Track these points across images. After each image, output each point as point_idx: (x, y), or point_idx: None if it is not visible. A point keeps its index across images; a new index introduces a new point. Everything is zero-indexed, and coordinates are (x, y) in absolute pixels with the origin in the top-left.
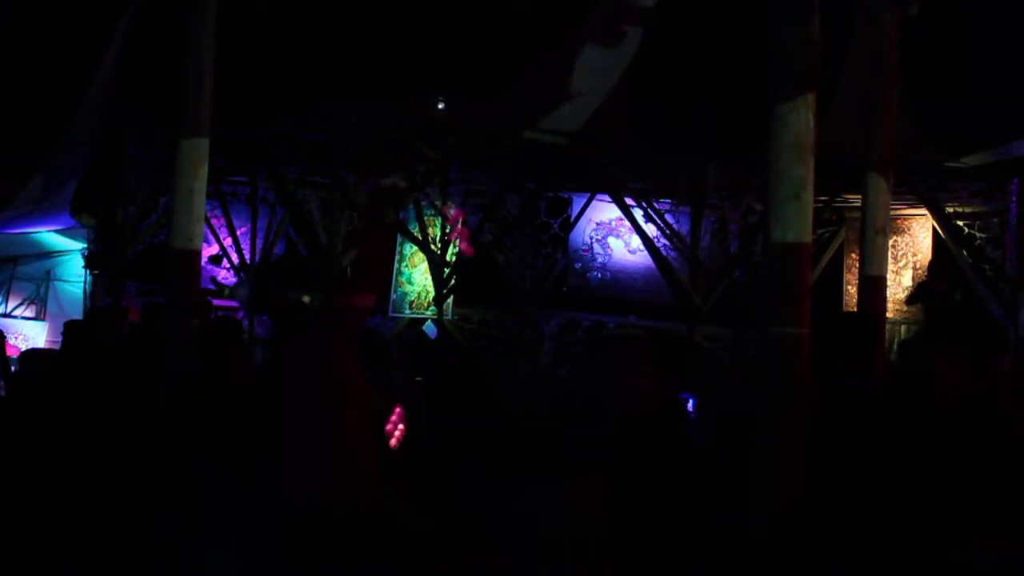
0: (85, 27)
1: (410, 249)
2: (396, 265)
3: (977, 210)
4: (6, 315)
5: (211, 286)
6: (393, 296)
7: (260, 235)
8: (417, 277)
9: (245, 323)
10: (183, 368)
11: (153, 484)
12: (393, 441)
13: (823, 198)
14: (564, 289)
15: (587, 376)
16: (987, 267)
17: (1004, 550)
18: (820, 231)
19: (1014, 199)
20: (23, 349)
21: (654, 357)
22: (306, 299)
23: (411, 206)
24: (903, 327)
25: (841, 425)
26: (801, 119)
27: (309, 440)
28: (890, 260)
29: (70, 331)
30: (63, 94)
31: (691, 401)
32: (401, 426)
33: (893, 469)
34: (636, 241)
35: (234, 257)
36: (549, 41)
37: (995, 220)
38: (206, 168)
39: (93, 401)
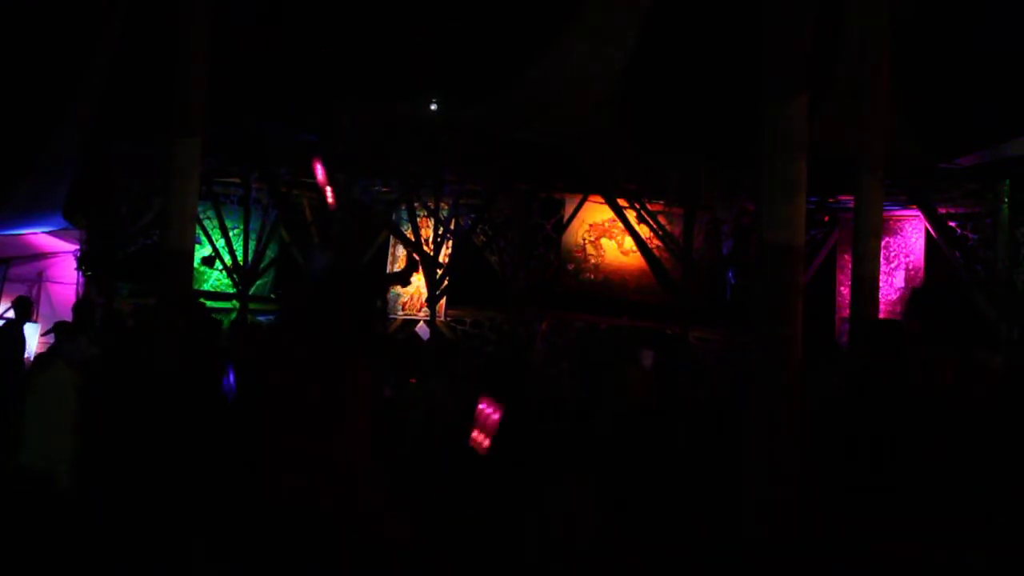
0: (76, 27)
1: (402, 250)
2: (389, 267)
3: (970, 211)
4: None
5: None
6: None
7: (253, 236)
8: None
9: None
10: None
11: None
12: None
13: (816, 199)
14: (557, 290)
15: (580, 375)
16: (980, 267)
17: (994, 550)
18: (813, 232)
19: (1006, 200)
20: None
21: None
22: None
23: (403, 207)
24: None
25: (841, 424)
26: (794, 120)
27: (300, 438)
28: (882, 261)
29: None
30: (54, 95)
31: (231, 374)
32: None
33: (889, 467)
34: (629, 242)
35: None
36: (541, 41)
37: (987, 221)
38: (199, 169)
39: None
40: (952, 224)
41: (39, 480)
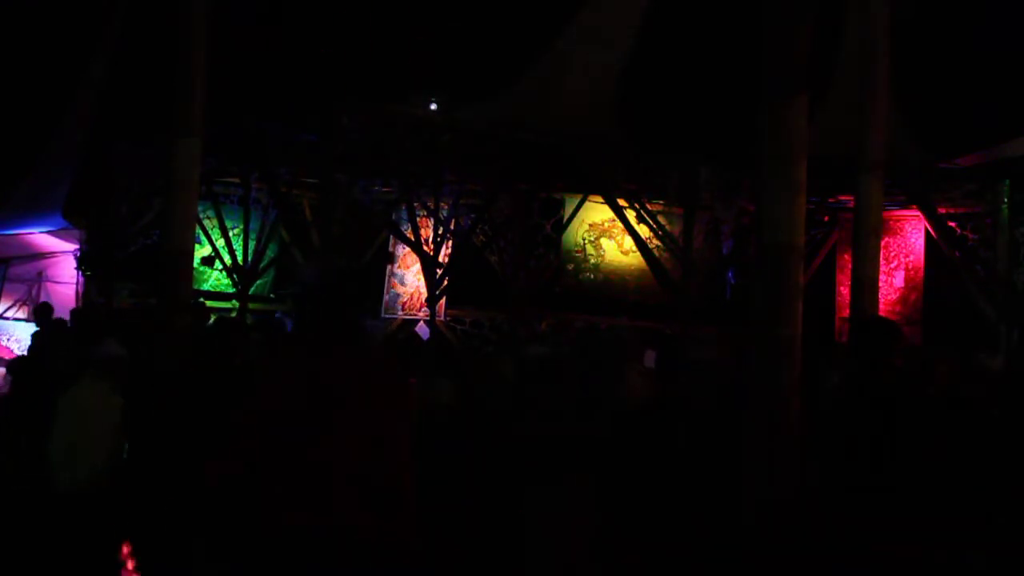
0: (76, 27)
1: (402, 250)
2: (388, 267)
3: (970, 211)
4: None
5: None
6: (386, 297)
7: (253, 236)
8: (409, 278)
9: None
10: (174, 367)
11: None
12: None
13: (816, 199)
14: (557, 290)
15: (578, 375)
16: (979, 268)
17: (993, 550)
18: (813, 232)
19: (1006, 200)
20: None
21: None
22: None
23: (404, 207)
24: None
25: (839, 422)
26: (794, 120)
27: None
28: (882, 261)
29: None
30: (54, 95)
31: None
32: None
33: (888, 466)
34: (629, 242)
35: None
36: (541, 41)
37: (987, 221)
38: (199, 169)
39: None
40: (952, 224)
41: (76, 497)
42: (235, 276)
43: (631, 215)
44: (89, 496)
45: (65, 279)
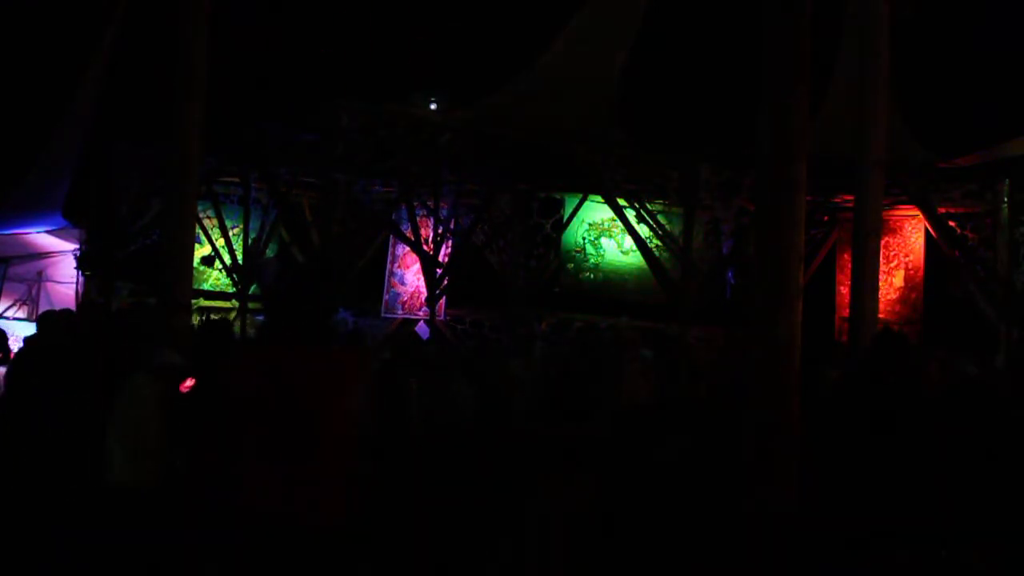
0: (76, 27)
1: (402, 250)
2: (388, 266)
3: (970, 211)
4: None
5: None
6: (386, 297)
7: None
8: (409, 278)
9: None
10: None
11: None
12: None
13: (816, 199)
14: (556, 289)
15: (579, 374)
16: (979, 267)
17: (993, 550)
18: (813, 232)
19: (1006, 200)
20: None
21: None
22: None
23: (403, 207)
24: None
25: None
26: (794, 119)
27: (284, 447)
28: (882, 261)
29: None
30: (54, 95)
31: None
32: None
33: (887, 466)
34: (629, 242)
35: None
36: (541, 41)
37: (987, 221)
38: (199, 169)
39: None
40: (952, 224)
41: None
42: (235, 276)
43: (631, 215)
44: (139, 493)
45: (65, 279)
